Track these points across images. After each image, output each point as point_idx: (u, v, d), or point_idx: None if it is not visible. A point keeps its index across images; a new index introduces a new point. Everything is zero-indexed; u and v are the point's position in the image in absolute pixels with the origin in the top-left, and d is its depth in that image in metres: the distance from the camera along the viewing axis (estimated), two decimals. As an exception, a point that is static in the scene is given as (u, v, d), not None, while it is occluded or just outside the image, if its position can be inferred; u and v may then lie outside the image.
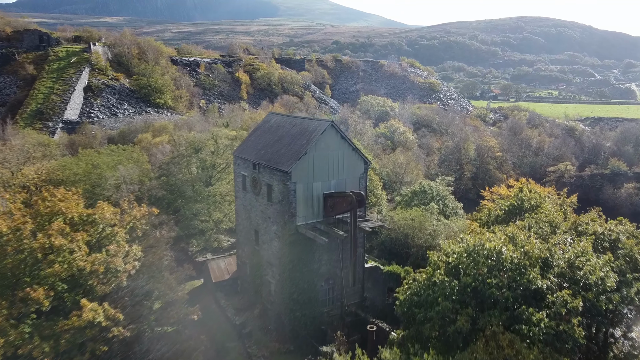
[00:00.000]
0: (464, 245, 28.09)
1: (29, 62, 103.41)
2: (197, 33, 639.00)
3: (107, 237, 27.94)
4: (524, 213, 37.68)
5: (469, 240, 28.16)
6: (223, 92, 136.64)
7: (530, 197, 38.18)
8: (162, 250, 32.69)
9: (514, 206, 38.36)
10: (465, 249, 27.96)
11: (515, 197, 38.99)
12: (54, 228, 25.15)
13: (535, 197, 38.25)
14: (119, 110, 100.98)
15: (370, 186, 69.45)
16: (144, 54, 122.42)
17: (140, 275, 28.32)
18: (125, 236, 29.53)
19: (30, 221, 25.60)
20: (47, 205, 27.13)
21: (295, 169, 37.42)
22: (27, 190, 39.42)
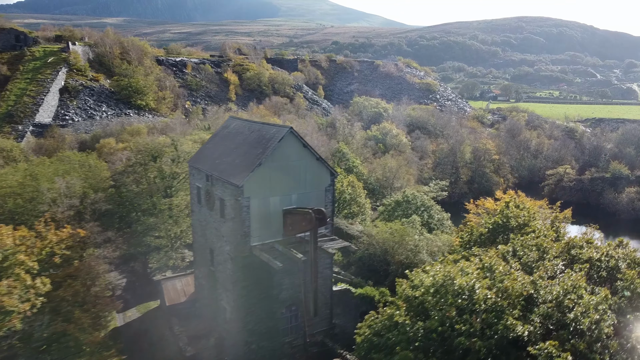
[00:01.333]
0: (431, 279, 23.40)
1: (2, 63, 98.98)
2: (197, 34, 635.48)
3: (4, 270, 23.30)
4: (510, 232, 33.00)
5: (438, 272, 23.48)
6: (210, 93, 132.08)
7: (517, 214, 33.53)
8: (86, 279, 28.05)
9: (499, 224, 33.70)
10: (433, 283, 23.27)
11: (501, 213, 34.32)
12: None
13: (524, 214, 33.58)
14: (97, 112, 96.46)
15: (354, 194, 64.98)
16: (127, 54, 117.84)
17: (40, 317, 23.64)
18: (33, 265, 24.89)
19: None
20: None
21: (249, 182, 32.76)
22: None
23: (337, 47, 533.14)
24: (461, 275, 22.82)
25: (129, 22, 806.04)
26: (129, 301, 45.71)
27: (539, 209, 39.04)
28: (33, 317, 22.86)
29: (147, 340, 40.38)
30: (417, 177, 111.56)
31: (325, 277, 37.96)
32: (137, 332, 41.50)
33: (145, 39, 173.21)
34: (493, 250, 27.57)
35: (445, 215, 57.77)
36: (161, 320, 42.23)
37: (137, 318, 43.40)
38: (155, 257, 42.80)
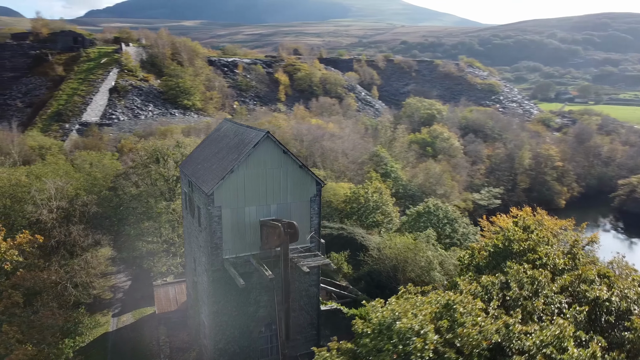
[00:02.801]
0: (377, 317, 19.71)
1: (60, 63, 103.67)
2: (267, 35, 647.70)
3: None
4: (512, 258, 28.24)
5: (382, 312, 19.75)
6: (260, 93, 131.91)
7: (520, 237, 28.62)
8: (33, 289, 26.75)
9: (500, 249, 28.97)
10: (379, 322, 19.59)
11: (503, 236, 29.54)
12: None
13: (533, 237, 28.60)
14: (143, 111, 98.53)
15: (380, 201, 60.96)
16: (178, 55, 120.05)
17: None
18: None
19: None
20: None
21: (220, 191, 30.30)
22: None
23: (405, 46, 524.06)
24: (408, 315, 18.96)
25: (204, 24, 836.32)
26: (127, 305, 44.90)
27: (562, 230, 33.57)
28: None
29: (132, 348, 39.10)
30: (467, 184, 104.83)
31: (311, 295, 34.81)
32: (125, 339, 40.38)
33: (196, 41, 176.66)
34: (464, 285, 23.31)
35: (472, 230, 52.42)
36: (151, 328, 40.86)
37: (130, 324, 42.33)
38: (148, 262, 41.55)
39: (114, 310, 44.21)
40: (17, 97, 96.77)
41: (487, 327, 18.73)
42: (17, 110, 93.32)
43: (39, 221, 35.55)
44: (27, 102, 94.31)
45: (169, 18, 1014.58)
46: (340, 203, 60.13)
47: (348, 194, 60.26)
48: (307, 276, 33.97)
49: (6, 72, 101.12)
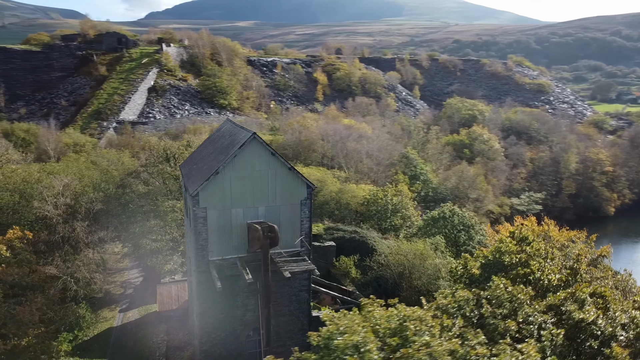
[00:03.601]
0: (323, 334, 18.69)
1: (104, 64, 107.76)
2: (319, 35, 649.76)
3: None
4: (504, 271, 26.31)
5: (329, 326, 18.69)
6: (298, 93, 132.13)
7: (512, 250, 26.56)
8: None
9: (491, 262, 27.05)
10: (328, 336, 18.57)
11: (494, 249, 27.58)
12: None
13: (529, 250, 26.50)
14: (179, 110, 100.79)
15: (399, 205, 59.22)
16: (218, 55, 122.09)
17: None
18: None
19: None
20: None
21: (205, 192, 30.00)
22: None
23: (457, 45, 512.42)
24: (353, 329, 17.83)
25: (258, 25, 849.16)
26: (134, 301, 45.68)
27: (571, 242, 30.96)
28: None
29: (133, 344, 39.68)
30: (506, 188, 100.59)
31: (302, 300, 33.96)
32: (128, 334, 41.04)
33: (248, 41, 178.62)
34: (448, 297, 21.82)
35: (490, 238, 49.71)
36: (153, 325, 41.29)
37: (135, 320, 43.00)
38: (152, 260, 42.10)
39: (122, 306, 45.09)
40: (63, 96, 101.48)
41: (436, 349, 17.30)
42: (62, 109, 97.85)
43: (45, 217, 36.64)
44: (71, 100, 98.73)
45: (224, 19, 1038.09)
46: (358, 205, 58.90)
47: (367, 196, 58.93)
48: (297, 281, 33.19)
49: (54, 72, 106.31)
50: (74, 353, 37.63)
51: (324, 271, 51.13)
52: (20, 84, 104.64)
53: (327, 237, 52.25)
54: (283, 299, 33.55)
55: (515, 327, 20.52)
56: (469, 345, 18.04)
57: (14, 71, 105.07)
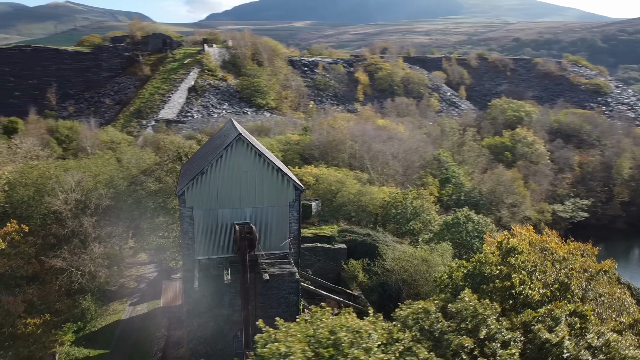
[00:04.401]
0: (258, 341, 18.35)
1: (148, 64, 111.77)
2: (374, 34, 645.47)
3: None
4: (486, 283, 24.82)
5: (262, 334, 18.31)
6: (338, 93, 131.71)
7: (491, 262, 24.95)
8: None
9: (470, 272, 25.59)
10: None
11: (475, 259, 26.07)
12: None
13: (512, 262, 24.85)
14: (217, 110, 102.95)
15: (420, 208, 57.58)
16: (259, 55, 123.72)
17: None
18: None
19: None
20: None
21: (191, 191, 30.30)
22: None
23: (517, 44, 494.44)
24: (286, 341, 17.36)
25: (314, 24, 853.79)
26: (145, 296, 46.92)
27: (571, 255, 28.69)
28: None
29: (136, 337, 40.73)
30: (548, 193, 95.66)
31: (290, 302, 33.62)
32: (133, 328, 42.16)
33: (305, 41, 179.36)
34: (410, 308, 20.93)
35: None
36: (157, 320, 42.25)
37: (142, 314, 44.14)
38: (160, 257, 43.06)
39: (133, 299, 46.44)
40: (109, 95, 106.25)
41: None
42: (108, 107, 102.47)
43: (55, 211, 38.30)
44: (116, 99, 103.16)
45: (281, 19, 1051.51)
46: (377, 208, 57.81)
47: (386, 199, 57.72)
48: (285, 283, 32.95)
49: (102, 72, 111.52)
50: (79, 343, 39.10)
51: (334, 274, 50.65)
52: (71, 83, 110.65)
53: (339, 239, 51.66)
54: (271, 301, 33.37)
55: (471, 344, 19.31)
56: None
57: (66, 71, 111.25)
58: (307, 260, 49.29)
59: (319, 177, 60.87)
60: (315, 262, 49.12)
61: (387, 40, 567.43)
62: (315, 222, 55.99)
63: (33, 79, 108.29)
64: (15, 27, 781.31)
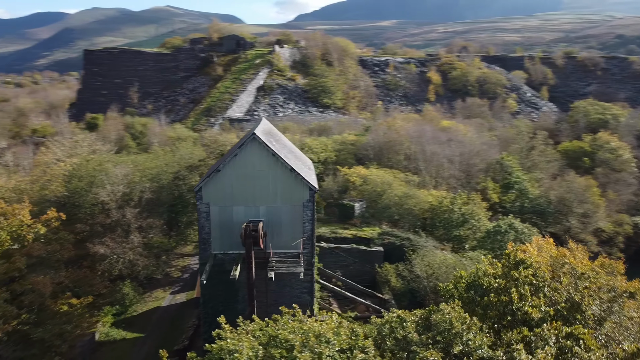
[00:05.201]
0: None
1: (222, 65, 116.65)
2: (462, 32, 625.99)
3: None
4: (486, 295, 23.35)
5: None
6: (408, 93, 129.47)
7: (489, 274, 23.28)
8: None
9: (470, 284, 24.11)
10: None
11: (474, 270, 24.49)
12: None
13: (515, 275, 23.13)
14: (283, 109, 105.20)
15: (468, 214, 55.26)
16: (329, 55, 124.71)
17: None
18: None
19: None
20: None
21: (207, 188, 31.48)
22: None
23: (620, 41, 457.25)
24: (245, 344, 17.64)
25: (400, 23, 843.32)
26: (187, 285, 49.26)
27: (592, 272, 26.04)
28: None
29: (171, 325, 42.91)
30: (631, 204, 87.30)
31: (303, 302, 33.60)
32: (170, 315, 44.45)
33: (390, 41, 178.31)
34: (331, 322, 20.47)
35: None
36: (191, 309, 44.21)
37: (180, 303, 46.41)
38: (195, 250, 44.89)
39: (175, 288, 48.93)
40: (184, 94, 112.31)
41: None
42: (182, 106, 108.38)
43: (102, 202, 41.37)
44: (190, 98, 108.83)
45: (367, 19, 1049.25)
46: (423, 212, 56.23)
47: (433, 203, 55.98)
48: (298, 283, 33.25)
49: (180, 72, 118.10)
50: (119, 325, 41.95)
51: (370, 276, 50.00)
52: (151, 83, 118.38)
53: (378, 241, 50.95)
54: (284, 300, 33.63)
55: (439, 358, 18.36)
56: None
57: (147, 72, 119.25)
58: (342, 261, 49.29)
59: (366, 178, 60.29)
60: (350, 264, 48.91)
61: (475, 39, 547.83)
62: (357, 223, 55.63)
63: (118, 79, 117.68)
64: (120, 30, 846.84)
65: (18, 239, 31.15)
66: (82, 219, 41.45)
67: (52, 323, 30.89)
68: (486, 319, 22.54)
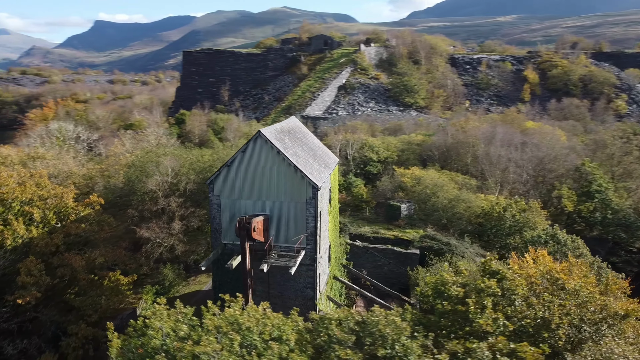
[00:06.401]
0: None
1: (308, 64, 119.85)
2: (590, 27, 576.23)
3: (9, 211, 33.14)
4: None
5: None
6: (500, 92, 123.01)
7: (446, 282, 21.97)
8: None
9: (436, 292, 23.03)
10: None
11: (437, 278, 23.30)
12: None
13: (481, 285, 21.78)
14: (362, 107, 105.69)
15: (523, 222, 51.88)
16: (417, 53, 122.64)
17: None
18: (37, 216, 34.13)
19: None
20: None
21: (218, 181, 33.55)
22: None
23: None
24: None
25: (521, 19, 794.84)
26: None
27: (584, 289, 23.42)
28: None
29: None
30: None
31: (306, 296, 34.67)
32: (207, 298, 47.45)
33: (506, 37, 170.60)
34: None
35: (616, 275, 39.50)
36: (226, 295, 46.84)
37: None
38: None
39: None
40: (271, 92, 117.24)
41: (196, 349, 17.48)
42: (267, 103, 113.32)
43: (151, 191, 45.56)
44: (275, 96, 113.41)
45: (485, 15, 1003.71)
46: (475, 217, 53.79)
47: (485, 208, 53.31)
48: (302, 277, 34.19)
49: (268, 72, 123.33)
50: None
51: (405, 278, 49.03)
52: (242, 81, 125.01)
53: (417, 244, 49.80)
54: (289, 292, 34.95)
55: (355, 358, 18.31)
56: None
57: (239, 71, 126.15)
58: (377, 262, 49.07)
59: (419, 179, 59.03)
60: (385, 264, 48.49)
61: (604, 34, 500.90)
62: (402, 225, 54.78)
63: (212, 78, 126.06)
64: (241, 32, 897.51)
65: (62, 218, 35.69)
66: (135, 205, 45.91)
67: (87, 295, 35.03)
68: (440, 327, 21.85)
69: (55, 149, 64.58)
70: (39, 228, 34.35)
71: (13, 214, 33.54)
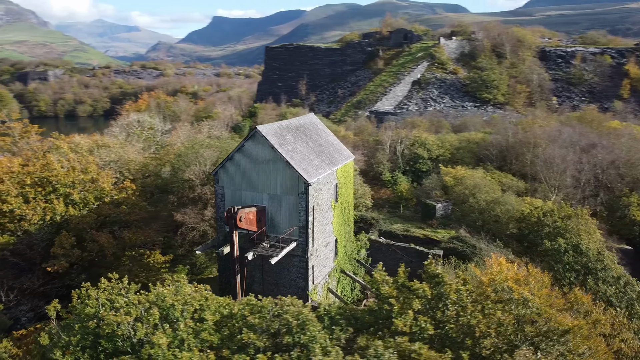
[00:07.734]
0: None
1: (385, 58, 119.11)
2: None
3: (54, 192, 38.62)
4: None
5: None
6: (595, 88, 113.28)
7: (379, 282, 21.80)
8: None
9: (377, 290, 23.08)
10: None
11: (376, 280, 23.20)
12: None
13: (411, 286, 21.61)
14: (434, 103, 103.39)
15: (564, 229, 48.64)
16: (501, 47, 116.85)
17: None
18: (76, 197, 39.34)
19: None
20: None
21: (222, 172, 36.17)
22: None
23: None
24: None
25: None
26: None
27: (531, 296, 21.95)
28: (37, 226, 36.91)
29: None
30: None
31: (299, 286, 36.20)
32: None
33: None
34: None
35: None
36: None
37: (250, 274, 52.31)
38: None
39: (247, 260, 55.06)
40: (346, 87, 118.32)
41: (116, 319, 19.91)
42: (342, 98, 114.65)
43: (189, 179, 49.69)
44: (351, 90, 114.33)
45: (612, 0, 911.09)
46: (513, 221, 51.23)
47: (526, 212, 50.61)
48: (294, 268, 35.88)
49: (346, 66, 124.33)
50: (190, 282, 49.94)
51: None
52: (320, 76, 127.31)
53: (443, 245, 48.66)
54: (283, 281, 36.77)
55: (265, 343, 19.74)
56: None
57: (317, 65, 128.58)
58: (399, 260, 48.87)
59: (461, 178, 57.30)
60: (407, 263, 48.01)
61: None
62: (435, 225, 53.79)
63: (292, 72, 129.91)
64: (348, 25, 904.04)
65: (100, 200, 40.62)
66: (175, 191, 50.35)
67: (117, 269, 39.66)
68: (364, 324, 22.48)
69: (134, 137, 72.12)
70: (77, 208, 39.51)
71: (58, 194, 38.95)
